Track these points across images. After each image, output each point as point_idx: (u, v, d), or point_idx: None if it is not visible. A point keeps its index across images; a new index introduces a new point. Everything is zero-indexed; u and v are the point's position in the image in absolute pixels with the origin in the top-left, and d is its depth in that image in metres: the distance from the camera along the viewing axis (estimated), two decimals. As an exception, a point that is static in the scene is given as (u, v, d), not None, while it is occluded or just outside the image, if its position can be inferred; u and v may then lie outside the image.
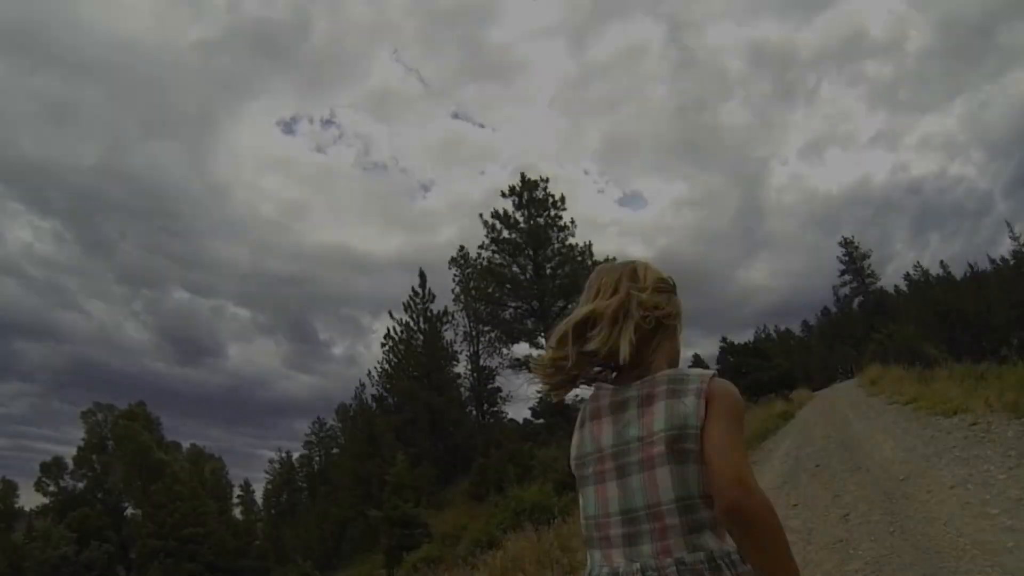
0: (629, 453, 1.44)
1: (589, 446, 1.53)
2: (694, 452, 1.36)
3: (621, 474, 1.44)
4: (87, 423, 52.12)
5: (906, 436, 10.78)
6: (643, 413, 1.45)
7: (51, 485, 51.29)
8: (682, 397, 1.41)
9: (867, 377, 27.97)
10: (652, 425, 1.42)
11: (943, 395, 13.39)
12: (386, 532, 22.08)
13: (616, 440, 1.48)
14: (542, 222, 31.16)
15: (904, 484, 7.47)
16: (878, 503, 6.98)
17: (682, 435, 1.37)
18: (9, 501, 56.15)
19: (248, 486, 72.45)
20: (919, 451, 9.12)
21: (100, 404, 53.64)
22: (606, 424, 1.51)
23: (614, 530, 1.43)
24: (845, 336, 67.00)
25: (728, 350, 38.20)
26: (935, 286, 69.30)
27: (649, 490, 1.39)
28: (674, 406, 1.40)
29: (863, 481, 8.36)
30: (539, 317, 30.32)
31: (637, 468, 1.42)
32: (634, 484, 1.41)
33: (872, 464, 9.32)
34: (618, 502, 1.43)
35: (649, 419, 1.43)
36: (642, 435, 1.43)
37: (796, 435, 16.89)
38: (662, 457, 1.38)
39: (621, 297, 1.53)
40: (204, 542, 37.58)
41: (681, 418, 1.38)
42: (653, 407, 1.44)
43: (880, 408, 16.52)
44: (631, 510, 1.41)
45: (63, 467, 51.71)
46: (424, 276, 32.35)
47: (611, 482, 1.46)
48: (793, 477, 10.52)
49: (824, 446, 13.04)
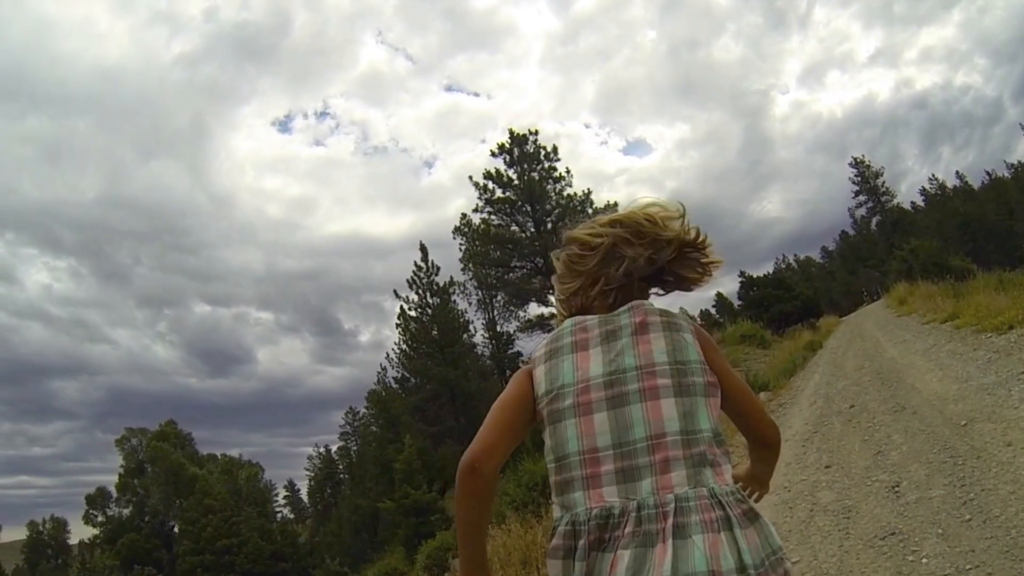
0: (625, 382, 1.30)
1: (568, 377, 1.34)
2: (701, 385, 1.30)
3: (616, 404, 1.28)
4: (123, 449, 51.59)
5: (954, 362, 8.74)
6: (638, 341, 1.33)
7: (99, 515, 50.85)
8: (680, 331, 1.35)
9: (894, 297, 25.64)
10: (652, 355, 1.31)
11: (988, 308, 11.28)
12: (401, 523, 20.85)
13: (608, 369, 1.32)
14: (536, 176, 29.26)
15: (968, 432, 5.51)
16: (937, 464, 5.05)
17: (688, 368, 1.30)
18: (60, 538, 56.40)
19: (293, 485, 72.20)
20: (977, 381, 7.11)
21: (133, 429, 53.23)
22: (594, 354, 1.35)
23: (605, 466, 1.24)
24: (866, 258, 64.28)
25: (748, 284, 35.86)
26: (953, 197, 66.07)
27: (653, 420, 1.26)
28: (675, 339, 1.33)
29: (911, 428, 6.39)
30: (545, 275, 28.44)
31: (637, 397, 1.28)
32: (634, 414, 1.27)
33: (919, 402, 7.33)
34: (610, 435, 1.26)
35: (647, 347, 1.32)
36: (640, 364, 1.31)
37: (825, 367, 14.87)
38: (667, 389, 1.28)
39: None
40: (239, 552, 36.68)
41: (684, 352, 1.32)
42: (649, 336, 1.34)
43: (915, 329, 14.40)
44: (628, 442, 1.25)
45: (108, 496, 51.31)
46: (425, 250, 30.51)
47: (600, 413, 1.28)
48: (824, 424, 8.58)
49: (857, 379, 11.05)
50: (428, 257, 30.20)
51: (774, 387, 14.98)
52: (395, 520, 21.81)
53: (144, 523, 45.53)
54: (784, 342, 25.04)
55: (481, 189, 28.83)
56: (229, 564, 35.92)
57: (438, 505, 20.13)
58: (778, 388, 14.66)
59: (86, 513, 51.06)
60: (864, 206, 66.70)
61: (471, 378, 28.67)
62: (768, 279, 36.67)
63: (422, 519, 19.39)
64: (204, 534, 36.11)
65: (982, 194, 63.69)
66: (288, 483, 73.08)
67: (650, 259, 1.41)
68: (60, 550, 55.90)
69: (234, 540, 36.50)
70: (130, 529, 44.26)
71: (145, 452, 48.63)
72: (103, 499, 51.22)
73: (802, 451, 7.57)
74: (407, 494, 20.22)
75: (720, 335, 26.29)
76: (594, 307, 1.44)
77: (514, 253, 28.88)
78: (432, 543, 14.32)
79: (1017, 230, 55.10)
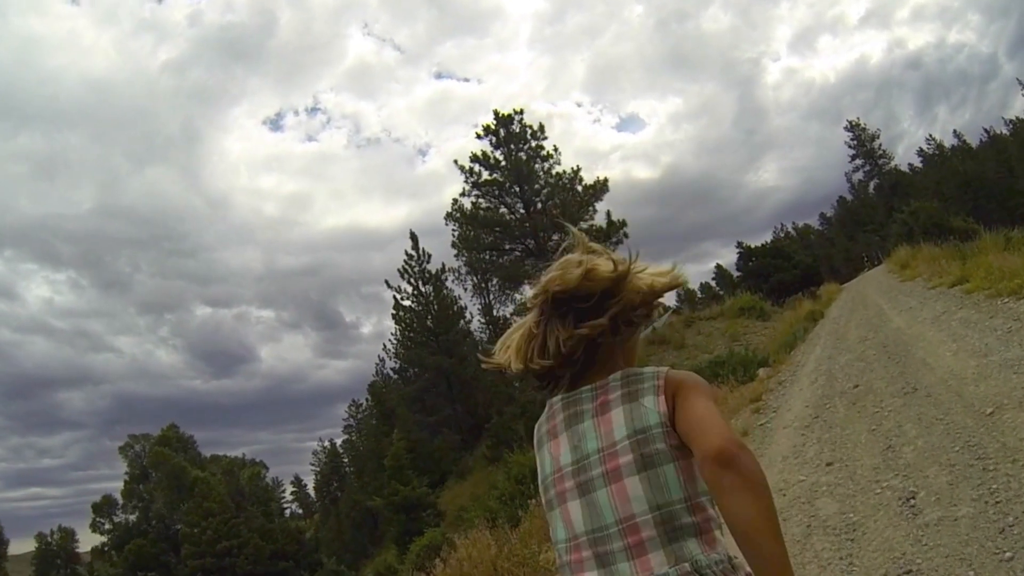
0: (590, 468, 1.24)
1: (548, 468, 1.33)
2: (664, 452, 1.19)
3: (584, 491, 1.24)
4: (127, 456, 50.76)
5: (969, 332, 7.70)
6: (599, 423, 1.27)
7: (106, 523, 50.03)
8: (640, 398, 1.24)
9: (896, 261, 24.42)
10: (612, 434, 1.24)
11: (1000, 270, 10.19)
12: (392, 519, 19.92)
13: (574, 456, 1.28)
14: (523, 156, 27.98)
15: (996, 424, 4.51)
16: (962, 468, 4.06)
17: (648, 437, 1.20)
18: (69, 547, 55.85)
19: (300, 481, 71.34)
20: (998, 356, 6.09)
21: (136, 436, 52.37)
22: (562, 441, 1.31)
23: (585, 552, 1.22)
24: (866, 222, 62.71)
25: (746, 255, 34.65)
26: (951, 157, 64.41)
27: (620, 504, 1.19)
28: (633, 410, 1.23)
29: (926, 416, 5.39)
30: (537, 256, 27.38)
31: (601, 482, 1.22)
32: (600, 500, 1.21)
33: (933, 382, 6.32)
34: (583, 522, 1.23)
35: (608, 427, 1.25)
36: (602, 446, 1.24)
37: (827, 340, 13.85)
38: (630, 466, 1.19)
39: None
40: (240, 553, 35.85)
41: (643, 420, 1.21)
42: (610, 414, 1.26)
43: (920, 295, 13.33)
44: (599, 528, 1.20)
45: (114, 504, 50.38)
46: (416, 238, 29.45)
47: (573, 502, 1.25)
48: (826, 407, 7.59)
49: (861, 353, 10.04)
50: (419, 245, 29.29)
51: (774, 362, 14.01)
52: (386, 517, 21.00)
53: (151, 528, 44.87)
54: (784, 313, 24.04)
55: (467, 172, 27.76)
56: (230, 566, 35.18)
57: (429, 500, 19.24)
58: (778, 363, 13.67)
59: (93, 521, 50.38)
60: (861, 170, 64.99)
61: (468, 365, 27.68)
62: (767, 249, 35.47)
63: (413, 515, 18.51)
64: (204, 537, 35.38)
65: (981, 152, 61.87)
66: (295, 479, 72.46)
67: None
68: (69, 560, 55.35)
69: (234, 542, 35.74)
70: (137, 535, 43.60)
71: (147, 458, 48.00)
72: (109, 507, 50.47)
73: (801, 441, 6.59)
74: (396, 491, 19.33)
75: (719, 308, 25.32)
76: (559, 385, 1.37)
77: (504, 236, 27.86)
78: (422, 540, 13.46)
79: (1018, 187, 53.48)
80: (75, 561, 54.72)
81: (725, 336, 21.70)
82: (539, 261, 27.36)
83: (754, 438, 7.84)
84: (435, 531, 13.70)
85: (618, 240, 27.81)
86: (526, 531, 8.50)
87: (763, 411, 9.35)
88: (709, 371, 13.81)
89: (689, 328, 23.49)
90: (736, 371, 13.31)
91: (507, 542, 7.57)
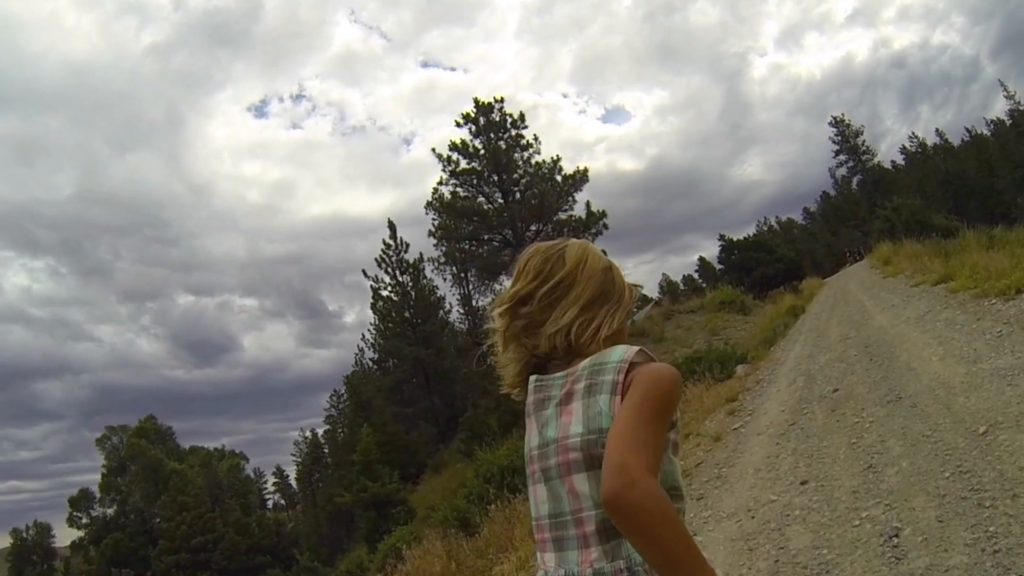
0: (549, 456, 1.26)
1: (525, 446, 1.35)
2: None
3: (546, 478, 1.26)
4: (104, 448, 49.40)
5: (956, 334, 7.16)
6: (561, 412, 1.26)
7: (83, 517, 48.61)
8: (597, 394, 1.21)
9: (878, 257, 23.99)
10: (569, 427, 1.23)
11: (986, 269, 9.69)
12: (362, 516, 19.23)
13: (539, 441, 1.29)
14: (503, 145, 27.05)
15: (991, 445, 3.95)
16: (953, 500, 3.48)
17: (598, 440, 1.17)
18: (45, 543, 54.12)
19: (282, 471, 69.14)
20: (989, 363, 5.54)
21: (113, 427, 51.23)
22: (531, 423, 1.33)
23: (547, 533, 1.25)
24: (848, 218, 62.54)
25: (728, 247, 34.07)
26: (934, 155, 64.35)
27: (571, 496, 1.21)
28: (589, 406, 1.21)
29: (911, 431, 4.83)
30: (515, 246, 26.54)
31: (557, 472, 1.24)
32: (558, 489, 1.24)
33: (919, 390, 5.77)
34: (547, 505, 1.25)
35: (567, 419, 1.24)
36: (559, 436, 1.24)
37: (807, 336, 13.36)
38: (578, 463, 1.20)
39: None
40: (215, 548, 34.65)
41: (596, 421, 1.19)
42: (572, 405, 1.25)
43: (903, 292, 12.83)
44: (559, 514, 1.23)
45: (91, 498, 48.97)
46: (394, 227, 28.42)
47: (539, 484, 1.28)
48: (804, 412, 7.05)
49: (842, 353, 9.52)
50: (397, 234, 28.40)
51: (753, 359, 13.50)
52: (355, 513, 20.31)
53: (129, 522, 43.47)
54: (766, 307, 23.57)
55: (445, 161, 26.88)
56: (205, 562, 34.03)
57: (400, 497, 18.53)
58: (757, 360, 13.18)
59: (70, 516, 48.88)
60: (845, 165, 64.62)
61: (446, 356, 26.97)
62: (749, 242, 34.90)
63: (382, 512, 17.83)
64: (179, 532, 34.22)
65: (962, 151, 61.67)
66: (277, 469, 70.37)
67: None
68: (46, 555, 53.69)
69: (209, 537, 34.52)
70: (115, 529, 42.16)
71: (124, 450, 46.73)
72: (86, 500, 49.00)
73: (776, 451, 6.04)
74: (365, 487, 18.66)
75: (699, 302, 24.81)
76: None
77: (483, 226, 27.04)
78: (390, 540, 12.84)
79: (998, 187, 53.49)
80: (52, 557, 53.09)
81: (705, 330, 21.22)
82: (517, 252, 26.55)
83: (727, 444, 7.29)
84: (404, 530, 13.09)
85: (597, 231, 27.24)
86: (484, 539, 7.95)
87: (738, 413, 8.81)
88: (685, 367, 13.24)
89: (669, 321, 22.99)
90: (713, 367, 12.76)
91: (459, 553, 7.01)
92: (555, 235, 27.36)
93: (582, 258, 1.33)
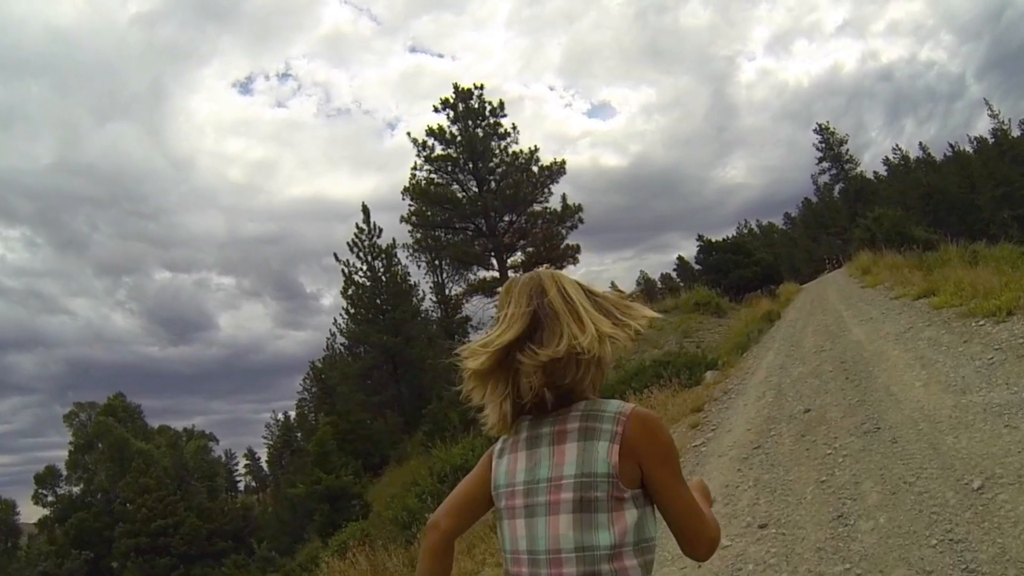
0: (538, 493, 1.25)
1: (503, 479, 1.32)
2: (603, 501, 1.20)
3: (529, 514, 1.26)
4: (72, 425, 47.28)
5: (940, 357, 6.47)
6: (554, 452, 1.26)
7: (48, 495, 46.38)
8: (595, 439, 1.23)
9: (857, 266, 23.47)
10: (563, 468, 1.24)
11: (972, 286, 9.05)
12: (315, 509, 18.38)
13: (528, 477, 1.28)
14: (480, 133, 26.11)
15: (986, 505, 3.22)
16: (947, 578, 2.76)
17: (592, 483, 1.20)
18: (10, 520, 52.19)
19: (253, 454, 67.86)
20: (981, 395, 4.84)
21: (82, 404, 49.13)
22: (521, 459, 1.31)
23: (523, 568, 1.25)
24: (829, 225, 62.44)
25: (707, 248, 33.43)
26: (916, 169, 64.39)
27: (551, 536, 1.21)
28: (586, 449, 1.23)
29: (892, 474, 4.10)
30: (488, 237, 25.98)
31: (544, 511, 1.24)
32: (539, 527, 1.23)
33: (899, 420, 5.06)
34: (525, 541, 1.25)
35: (560, 459, 1.25)
36: (551, 476, 1.24)
37: (781, 345, 12.70)
38: (568, 504, 1.21)
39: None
40: (175, 533, 33.34)
41: (592, 464, 1.21)
42: (565, 446, 1.25)
43: (883, 304, 12.19)
44: (537, 552, 1.23)
45: (57, 475, 46.78)
46: (367, 211, 27.23)
47: (519, 520, 1.27)
48: (770, 434, 6.34)
49: (816, 367, 8.84)
50: (370, 219, 27.20)
51: (723, 365, 12.82)
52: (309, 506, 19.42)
53: (96, 501, 42.08)
54: (741, 310, 22.92)
55: (420, 146, 25.90)
56: (164, 546, 32.70)
57: (355, 490, 17.58)
58: (727, 367, 12.49)
59: (35, 493, 46.55)
60: (827, 173, 64.23)
61: (415, 345, 26.02)
62: (727, 244, 34.23)
63: (337, 506, 16.95)
64: (140, 515, 32.85)
65: (944, 166, 61.68)
66: (248, 451, 69.06)
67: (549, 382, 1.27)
68: (10, 533, 51.82)
69: (170, 521, 33.15)
70: (81, 508, 40.42)
71: (91, 427, 45.18)
72: (53, 478, 46.88)
73: (736, 480, 5.32)
74: (318, 479, 17.76)
75: (674, 302, 24.11)
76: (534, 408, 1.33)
77: (455, 214, 26.09)
78: (341, 535, 12.08)
79: (978, 203, 53.55)
80: (17, 534, 51.25)
81: (678, 331, 20.48)
82: (489, 242, 25.90)
83: (685, 464, 6.56)
84: (356, 525, 12.33)
85: (572, 224, 26.49)
86: (416, 553, 7.17)
87: (702, 427, 8.11)
88: (652, 371, 12.54)
89: (642, 320, 22.20)
90: (681, 373, 12.07)
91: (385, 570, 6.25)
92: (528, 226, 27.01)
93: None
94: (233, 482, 65.85)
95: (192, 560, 33.05)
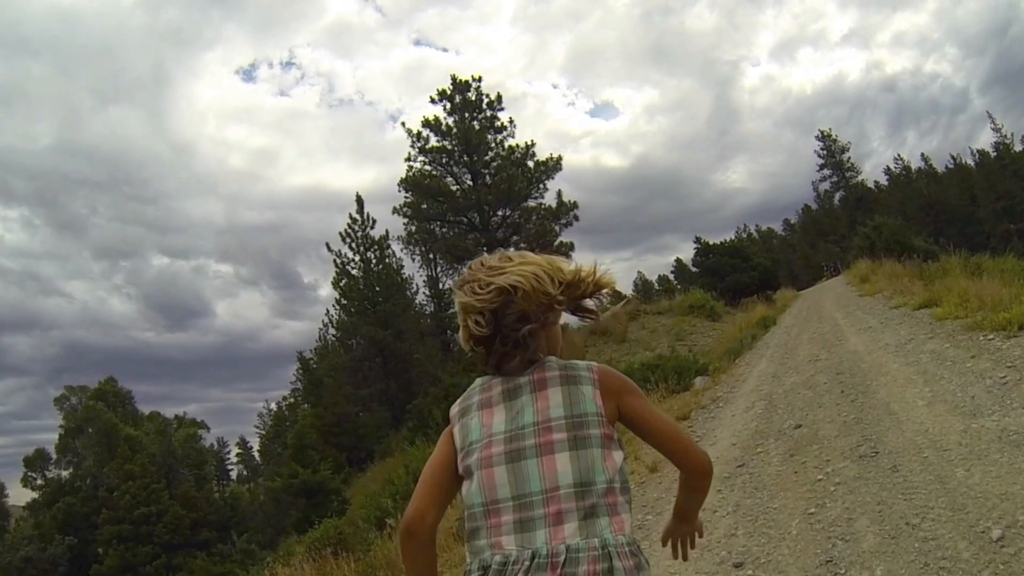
0: (524, 438, 1.28)
1: (476, 434, 1.32)
2: (596, 438, 1.27)
3: (513, 459, 1.27)
4: (62, 409, 46.29)
5: (945, 372, 5.87)
6: (537, 398, 1.30)
7: (38, 478, 45.42)
8: (579, 384, 1.31)
9: (856, 274, 22.92)
10: (549, 411, 1.29)
11: (978, 297, 8.45)
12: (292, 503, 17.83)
13: (510, 426, 1.30)
14: (476, 126, 25.52)
15: (1007, 561, 2.62)
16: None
17: (584, 422, 1.27)
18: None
19: (245, 443, 66.89)
20: (994, 419, 4.24)
21: (72, 387, 48.31)
22: (497, 412, 1.33)
23: (505, 516, 1.24)
24: (828, 232, 61.88)
25: (704, 251, 32.80)
26: (917, 179, 63.89)
27: (547, 474, 1.24)
28: (572, 392, 1.30)
29: (892, 511, 3.50)
30: (481, 231, 25.39)
31: (533, 452, 1.26)
32: (529, 469, 1.25)
33: (901, 445, 4.45)
34: (509, 487, 1.25)
35: (545, 403, 1.29)
36: (537, 420, 1.28)
37: (775, 352, 12.13)
38: (562, 443, 1.25)
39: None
40: (158, 521, 32.26)
41: (581, 405, 1.28)
42: (547, 391, 1.30)
43: (882, 314, 11.60)
44: (524, 495, 1.24)
45: (47, 458, 45.86)
46: (361, 201, 26.55)
47: (499, 467, 1.27)
48: (757, 451, 5.75)
49: (810, 377, 8.25)
50: (364, 209, 26.50)
51: (714, 371, 12.22)
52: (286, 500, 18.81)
53: (85, 486, 41.36)
54: (737, 315, 22.36)
55: (415, 137, 25.34)
56: (147, 535, 31.74)
57: (332, 486, 16.90)
58: (718, 372, 11.91)
59: (24, 476, 45.81)
60: (828, 180, 63.83)
61: (406, 338, 25.43)
62: (725, 247, 33.57)
63: (314, 501, 16.35)
64: (123, 502, 32.01)
65: (945, 178, 61.19)
66: (240, 440, 68.05)
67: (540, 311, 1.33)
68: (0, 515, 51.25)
69: (153, 509, 32.28)
70: (69, 492, 39.48)
71: (81, 411, 44.46)
72: (42, 461, 46.08)
73: (715, 504, 4.71)
74: (295, 472, 17.17)
75: (668, 304, 23.54)
76: (502, 365, 1.35)
77: (449, 207, 25.56)
78: (315, 532, 11.53)
79: (979, 216, 53.09)
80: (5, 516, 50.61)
81: (670, 334, 19.94)
82: (482, 236, 25.30)
83: (661, 479, 5.96)
84: (330, 523, 11.78)
85: (567, 221, 25.97)
86: (370, 564, 6.60)
87: (685, 438, 7.53)
88: (639, 374, 11.95)
89: (634, 321, 21.64)
90: (670, 377, 11.49)
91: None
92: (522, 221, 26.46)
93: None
94: (225, 471, 65.27)
95: (175, 549, 32.34)
